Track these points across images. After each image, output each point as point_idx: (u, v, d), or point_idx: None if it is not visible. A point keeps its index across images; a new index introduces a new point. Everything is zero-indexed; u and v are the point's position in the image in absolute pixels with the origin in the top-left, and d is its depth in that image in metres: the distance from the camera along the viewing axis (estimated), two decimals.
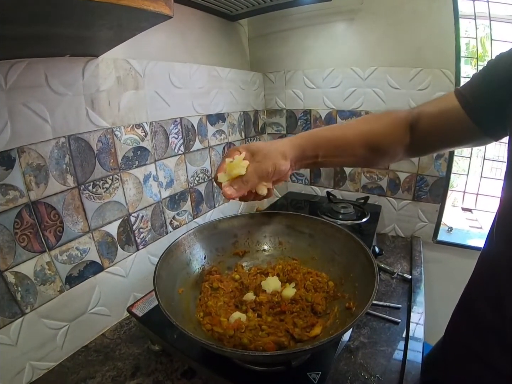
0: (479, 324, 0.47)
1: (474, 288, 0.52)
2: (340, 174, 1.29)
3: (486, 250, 0.50)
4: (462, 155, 1.30)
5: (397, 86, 1.07)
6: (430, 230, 1.16)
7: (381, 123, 0.55)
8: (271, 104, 1.37)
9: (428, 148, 0.58)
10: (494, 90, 0.44)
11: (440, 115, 0.51)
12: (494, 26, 1.05)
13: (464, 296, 0.54)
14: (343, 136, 0.54)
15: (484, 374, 0.45)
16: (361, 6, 1.06)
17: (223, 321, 0.51)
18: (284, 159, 0.49)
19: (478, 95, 0.47)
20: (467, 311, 0.53)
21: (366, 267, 0.52)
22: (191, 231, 0.65)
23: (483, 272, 0.50)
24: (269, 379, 0.52)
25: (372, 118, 0.58)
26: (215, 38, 1.09)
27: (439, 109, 0.52)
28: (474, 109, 0.47)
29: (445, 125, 0.51)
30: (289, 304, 0.58)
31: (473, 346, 0.47)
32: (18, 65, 0.54)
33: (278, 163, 0.48)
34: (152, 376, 0.65)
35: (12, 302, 0.59)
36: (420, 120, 0.53)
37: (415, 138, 0.55)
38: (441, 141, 0.55)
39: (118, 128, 0.73)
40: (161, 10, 0.41)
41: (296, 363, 0.52)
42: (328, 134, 0.55)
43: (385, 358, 0.67)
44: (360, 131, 0.55)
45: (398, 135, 0.55)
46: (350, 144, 0.55)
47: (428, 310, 0.83)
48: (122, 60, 0.71)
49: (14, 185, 0.56)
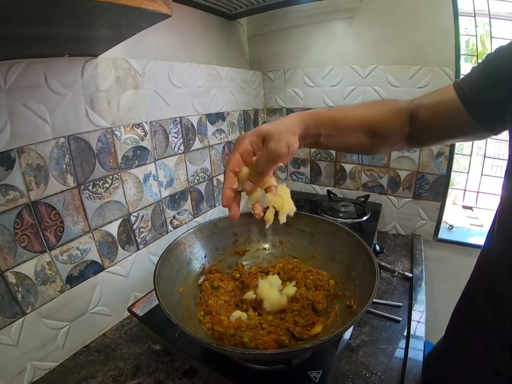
0: (479, 323, 0.47)
1: (474, 286, 0.52)
2: (341, 173, 1.29)
3: (486, 248, 0.49)
4: (462, 153, 1.30)
5: (397, 84, 1.07)
6: (431, 228, 1.16)
7: (381, 110, 0.55)
8: (271, 103, 1.37)
9: (427, 139, 0.58)
10: (492, 84, 0.44)
11: (438, 107, 0.51)
12: (494, 23, 1.05)
13: (464, 295, 0.54)
14: (344, 117, 0.54)
15: (485, 374, 0.45)
16: (361, 4, 1.06)
17: (223, 320, 0.51)
18: (294, 136, 0.48)
19: (476, 88, 0.46)
20: (467, 310, 0.53)
21: (366, 265, 0.52)
22: (191, 230, 0.65)
23: (483, 270, 0.50)
24: (270, 378, 0.52)
25: (373, 105, 0.57)
26: (214, 37, 1.09)
27: (437, 101, 0.52)
28: (471, 102, 0.47)
29: (443, 117, 0.51)
30: (289, 303, 0.59)
31: (473, 346, 0.47)
32: (17, 66, 0.55)
33: (291, 142, 0.46)
34: (153, 376, 0.65)
35: (13, 302, 0.59)
36: (419, 112, 0.53)
37: (414, 129, 0.55)
38: (439, 133, 0.55)
39: (118, 128, 0.73)
40: (159, 9, 0.41)
41: (296, 362, 0.52)
42: (329, 114, 0.54)
43: (386, 357, 0.67)
44: (360, 116, 0.55)
45: (397, 124, 0.55)
46: (350, 126, 0.54)
47: (429, 308, 0.83)
48: (121, 59, 0.71)
49: (14, 185, 0.57)
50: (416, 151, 1.10)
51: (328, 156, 1.29)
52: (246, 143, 0.47)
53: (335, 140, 0.54)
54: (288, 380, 0.50)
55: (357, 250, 0.57)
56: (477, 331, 0.48)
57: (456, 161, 1.23)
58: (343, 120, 0.54)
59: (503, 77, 0.42)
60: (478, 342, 0.46)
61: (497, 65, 0.44)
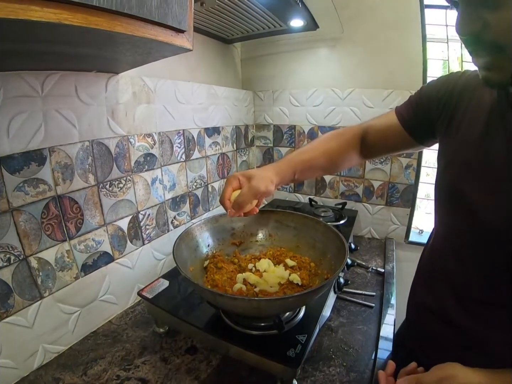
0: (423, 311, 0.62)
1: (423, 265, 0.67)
2: (321, 183, 1.43)
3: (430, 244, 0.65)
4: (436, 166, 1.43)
5: (371, 105, 1.22)
6: (402, 232, 1.30)
7: (339, 142, 0.71)
8: (260, 119, 1.50)
9: (376, 153, 0.77)
10: (423, 112, 0.60)
11: (383, 130, 0.68)
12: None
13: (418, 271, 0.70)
14: (312, 156, 0.69)
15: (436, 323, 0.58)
16: (342, 34, 1.22)
17: (228, 290, 0.62)
18: (271, 184, 0.62)
19: (412, 114, 0.63)
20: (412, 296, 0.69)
21: (340, 248, 0.65)
22: (199, 222, 0.77)
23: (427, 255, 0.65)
24: (265, 342, 0.62)
25: (332, 138, 0.73)
26: (212, 58, 1.23)
27: (383, 125, 0.68)
28: (409, 125, 0.63)
29: (388, 137, 0.68)
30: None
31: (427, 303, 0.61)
32: (53, 76, 0.64)
33: (268, 186, 0.61)
34: (158, 354, 0.72)
35: (33, 286, 0.65)
36: (368, 134, 0.70)
37: (365, 147, 0.71)
38: (385, 148, 0.72)
39: (132, 136, 0.84)
40: (184, 45, 0.52)
41: (286, 328, 0.62)
42: (301, 157, 0.69)
43: (362, 335, 0.78)
44: (323, 151, 0.70)
45: (352, 148, 0.71)
46: (317, 164, 0.70)
47: (399, 301, 0.94)
48: (137, 77, 0.83)
49: (44, 180, 0.65)
50: (387, 163, 1.25)
51: None
52: (236, 180, 0.63)
53: (306, 175, 0.71)
54: (280, 343, 0.60)
55: (333, 238, 0.70)
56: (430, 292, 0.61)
57: (432, 174, 1.37)
58: (312, 158, 0.69)
59: (430, 106, 0.58)
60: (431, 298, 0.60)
61: (427, 96, 0.60)
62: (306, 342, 0.59)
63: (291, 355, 0.57)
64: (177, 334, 0.77)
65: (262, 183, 0.60)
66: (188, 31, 0.52)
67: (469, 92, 0.52)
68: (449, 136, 0.55)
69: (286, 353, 0.57)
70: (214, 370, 0.67)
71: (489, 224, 0.46)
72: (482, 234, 0.48)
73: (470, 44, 0.38)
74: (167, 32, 0.48)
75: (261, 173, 0.63)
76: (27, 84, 0.60)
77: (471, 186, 0.49)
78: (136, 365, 0.69)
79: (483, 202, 0.47)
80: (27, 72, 0.59)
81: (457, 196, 0.52)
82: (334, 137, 0.73)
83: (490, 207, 0.46)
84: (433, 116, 0.58)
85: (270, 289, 0.66)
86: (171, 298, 0.75)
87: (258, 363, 0.61)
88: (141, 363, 0.69)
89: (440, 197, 0.58)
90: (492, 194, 0.46)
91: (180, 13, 0.49)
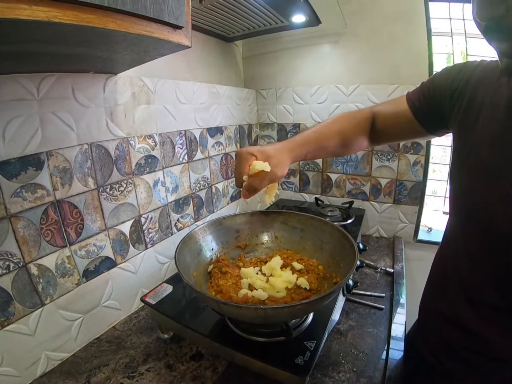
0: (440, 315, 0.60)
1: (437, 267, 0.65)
2: (327, 182, 1.40)
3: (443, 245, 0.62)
4: (444, 163, 1.40)
5: (376, 101, 1.19)
6: (411, 230, 1.27)
7: (351, 123, 0.70)
8: (263, 118, 1.48)
9: (384, 139, 0.73)
10: (435, 99, 0.57)
11: (393, 116, 0.65)
12: (471, 42, 1.13)
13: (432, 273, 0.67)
14: (325, 138, 0.67)
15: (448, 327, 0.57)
16: (345, 30, 1.19)
17: (233, 296, 0.60)
18: (287, 168, 0.61)
19: (423, 102, 0.60)
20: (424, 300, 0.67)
21: (348, 250, 0.62)
22: (201, 225, 0.74)
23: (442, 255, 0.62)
24: (272, 349, 0.59)
25: (344, 118, 0.71)
26: (213, 57, 1.21)
27: (394, 111, 0.66)
28: (419, 112, 0.60)
29: (397, 124, 0.65)
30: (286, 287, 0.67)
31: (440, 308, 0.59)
32: (49, 79, 0.62)
33: (284, 171, 0.60)
34: (163, 361, 0.70)
35: (33, 293, 0.64)
36: (378, 119, 0.68)
37: (374, 131, 0.69)
38: (394, 135, 0.69)
39: (133, 138, 0.82)
40: (182, 41, 0.50)
41: (294, 334, 0.60)
42: (314, 136, 0.67)
43: (372, 338, 0.75)
44: (336, 131, 0.68)
45: (362, 131, 0.69)
46: (329, 144, 0.68)
47: (409, 298, 0.92)
48: (136, 77, 0.81)
49: (42, 185, 0.63)
50: (395, 160, 1.22)
51: (316, 166, 1.41)
52: (253, 158, 0.59)
53: (316, 154, 0.69)
54: (288, 350, 0.58)
55: (341, 239, 0.67)
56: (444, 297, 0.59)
57: (439, 171, 1.35)
58: (325, 139, 0.67)
59: (445, 93, 0.55)
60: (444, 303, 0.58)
61: (440, 84, 0.57)
62: (315, 349, 0.57)
63: (299, 362, 0.55)
64: (182, 340, 0.75)
65: (279, 169, 0.59)
66: (185, 27, 0.50)
67: (486, 84, 0.49)
68: (465, 130, 0.52)
69: (294, 360, 0.55)
70: (220, 377, 0.65)
71: (503, 229, 0.44)
72: (496, 239, 0.46)
73: (491, 30, 0.35)
74: (163, 28, 0.47)
75: (279, 155, 0.60)
76: (22, 87, 0.58)
77: (486, 188, 0.46)
78: (140, 372, 0.67)
79: (497, 207, 0.45)
80: (22, 74, 0.58)
81: (471, 199, 0.49)
82: (346, 118, 0.71)
83: (502, 213, 0.44)
84: (445, 107, 0.55)
85: (277, 294, 0.63)
86: (175, 303, 0.74)
87: (265, 371, 0.59)
88: (145, 371, 0.68)
89: (454, 198, 0.55)
90: (509, 198, 0.43)
91: (176, 8, 0.47)
